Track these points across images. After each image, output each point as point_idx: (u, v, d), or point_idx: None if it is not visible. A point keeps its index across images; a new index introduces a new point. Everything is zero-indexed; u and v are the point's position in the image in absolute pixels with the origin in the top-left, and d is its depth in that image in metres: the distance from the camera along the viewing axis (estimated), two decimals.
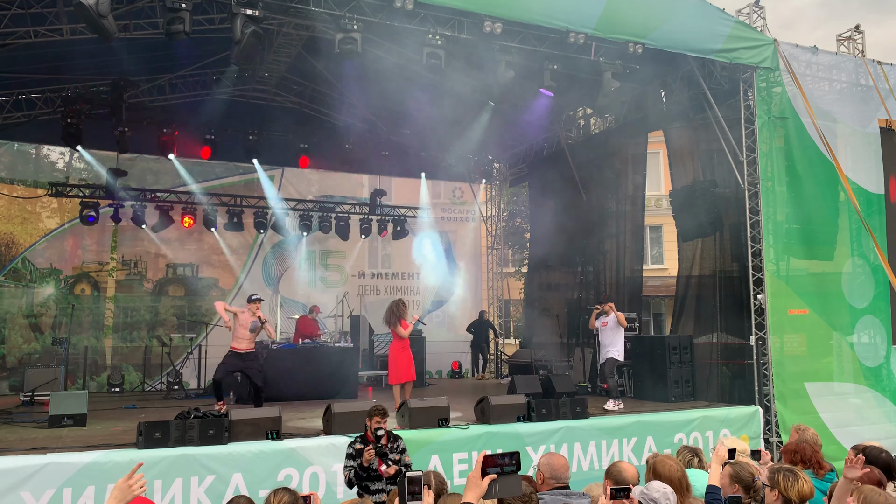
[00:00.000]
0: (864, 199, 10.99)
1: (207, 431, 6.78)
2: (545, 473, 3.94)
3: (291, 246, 16.61)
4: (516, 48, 9.23)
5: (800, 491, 3.81)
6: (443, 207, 18.33)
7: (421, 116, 13.57)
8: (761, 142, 10.41)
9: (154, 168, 15.26)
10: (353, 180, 17.22)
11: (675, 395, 10.61)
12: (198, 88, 13.78)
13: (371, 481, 5.73)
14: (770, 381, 9.95)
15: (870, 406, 10.62)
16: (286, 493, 3.83)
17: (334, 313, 15.56)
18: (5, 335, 13.98)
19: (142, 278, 15.35)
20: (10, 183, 14.41)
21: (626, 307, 13.12)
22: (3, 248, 14.24)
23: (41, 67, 11.69)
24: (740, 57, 10.12)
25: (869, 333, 11.04)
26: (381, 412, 5.87)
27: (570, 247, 14.44)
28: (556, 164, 14.99)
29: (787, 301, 10.31)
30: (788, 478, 3.84)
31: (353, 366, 12.40)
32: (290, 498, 3.79)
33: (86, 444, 6.90)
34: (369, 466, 5.68)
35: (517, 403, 8.51)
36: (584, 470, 8.22)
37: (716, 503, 3.94)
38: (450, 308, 18.02)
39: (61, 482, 6.07)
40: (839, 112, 11.10)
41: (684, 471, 4.01)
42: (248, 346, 9.39)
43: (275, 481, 6.78)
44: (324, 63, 12.67)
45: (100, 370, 14.50)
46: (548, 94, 10.13)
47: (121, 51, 10.87)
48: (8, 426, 8.61)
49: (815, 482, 4.40)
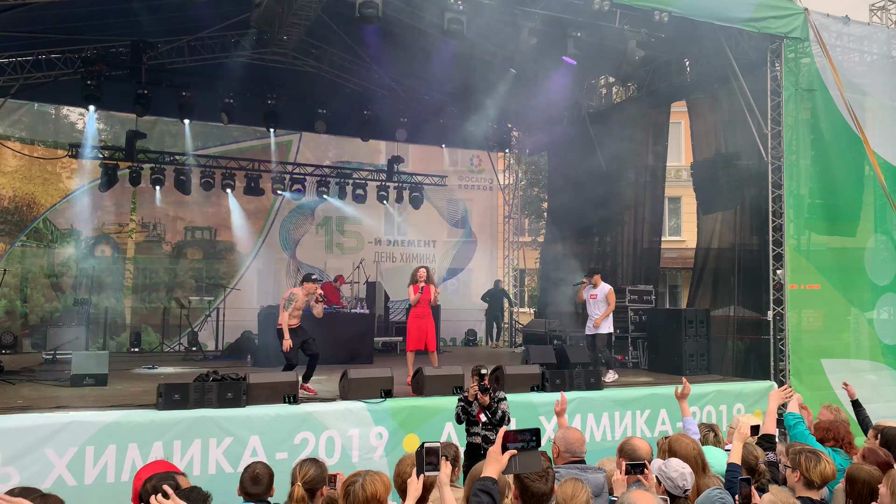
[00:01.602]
0: (890, 175, 10.77)
1: (226, 394, 6.88)
2: (561, 447, 3.96)
3: (309, 211, 16.65)
4: (539, 14, 9.05)
5: (822, 472, 3.80)
6: (460, 175, 18.24)
7: (440, 83, 13.42)
8: (787, 114, 10.20)
9: (173, 131, 15.27)
10: (371, 146, 17.14)
11: (689, 368, 10.60)
12: (217, 51, 13.68)
13: (470, 425, 6.39)
14: (786, 357, 9.91)
15: (886, 383, 10.55)
16: (312, 466, 3.74)
17: (350, 279, 15.64)
18: (28, 294, 14.20)
19: (160, 240, 15.49)
20: (30, 143, 14.50)
21: (642, 279, 13.10)
22: (25, 208, 14.40)
23: (61, 28, 11.65)
24: (769, 27, 9.87)
25: (889, 310, 10.93)
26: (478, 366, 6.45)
27: (587, 217, 14.34)
28: (575, 133, 14.81)
29: (807, 276, 10.20)
30: (811, 459, 3.83)
31: (369, 332, 12.51)
32: (315, 471, 3.72)
33: (107, 403, 7.04)
34: (471, 408, 6.34)
35: (531, 373, 8.55)
36: (597, 440, 8.28)
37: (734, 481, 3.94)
38: (465, 276, 18.06)
39: (84, 440, 6.20)
40: (869, 85, 10.83)
41: (701, 449, 4.01)
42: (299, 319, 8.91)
43: (291, 444, 6.90)
44: (343, 27, 12.53)
45: (119, 330, 14.73)
46: (570, 63, 9.95)
47: (141, 12, 10.82)
48: (31, 384, 8.79)
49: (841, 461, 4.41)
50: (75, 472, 6.14)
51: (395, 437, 7.35)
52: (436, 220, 17.82)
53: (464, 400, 6.45)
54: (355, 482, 3.27)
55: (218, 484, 6.16)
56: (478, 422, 6.38)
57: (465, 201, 18.29)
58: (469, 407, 6.40)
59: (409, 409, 7.56)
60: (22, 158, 14.33)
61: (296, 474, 3.70)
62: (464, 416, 6.43)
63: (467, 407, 6.40)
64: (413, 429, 7.45)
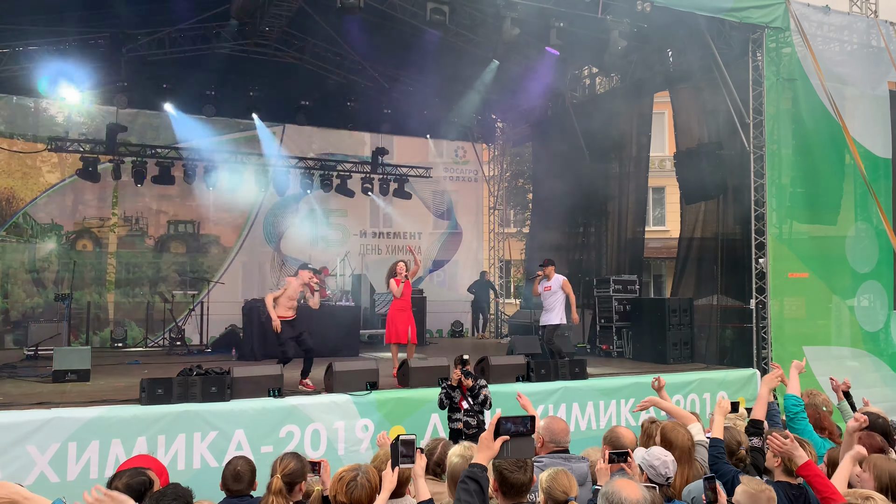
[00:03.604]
0: (870, 163, 10.87)
1: (210, 388, 6.86)
2: (545, 437, 3.97)
3: (293, 204, 16.55)
4: (522, 4, 9.03)
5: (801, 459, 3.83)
6: (445, 167, 18.20)
7: (424, 74, 13.38)
8: (769, 104, 10.26)
9: (154, 123, 15.10)
10: (355, 138, 17.05)
11: (673, 356, 10.69)
12: (198, 43, 13.53)
13: (452, 412, 6.64)
14: (769, 345, 10.00)
15: (867, 370, 10.70)
16: (292, 460, 3.74)
17: (336, 272, 15.59)
18: (8, 290, 14.03)
19: (143, 234, 15.34)
20: (9, 137, 14.28)
21: (627, 269, 13.16)
22: (4, 203, 14.20)
23: (39, 20, 11.48)
24: (750, 16, 9.92)
25: (869, 298, 11.06)
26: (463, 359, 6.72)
27: (572, 208, 14.39)
28: (559, 124, 14.82)
29: (789, 264, 10.30)
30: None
31: (355, 325, 12.48)
32: (296, 465, 3.70)
33: (90, 399, 6.98)
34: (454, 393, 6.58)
35: (516, 364, 8.59)
36: (582, 430, 8.33)
37: (719, 456, 3.97)
38: (451, 268, 18.05)
39: (66, 436, 6.16)
40: (849, 74, 10.92)
41: (694, 440, 4.05)
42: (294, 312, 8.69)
43: (277, 437, 6.88)
44: (326, 18, 12.44)
45: (102, 325, 14.59)
46: (553, 53, 9.95)
47: (119, 4, 10.68)
48: (12, 380, 8.70)
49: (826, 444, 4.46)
50: (58, 469, 6.09)
51: (380, 428, 7.33)
52: (421, 211, 17.78)
53: (447, 386, 6.64)
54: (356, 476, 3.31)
55: (203, 478, 6.17)
56: (459, 408, 6.59)
57: (451, 193, 18.26)
58: (452, 392, 6.59)
59: (394, 400, 7.57)
60: (1, 153, 14.13)
61: (276, 467, 3.69)
62: (447, 401, 6.61)
63: (451, 392, 6.60)
64: (399, 420, 7.47)
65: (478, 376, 6.85)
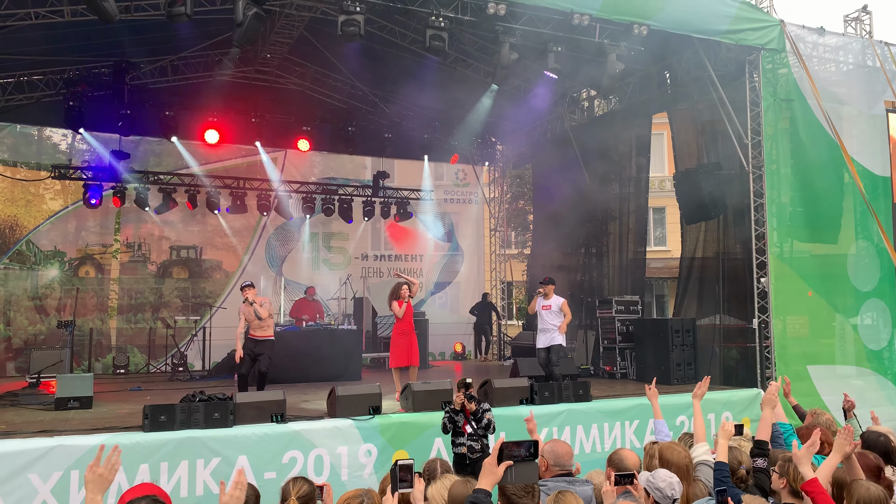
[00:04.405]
0: (869, 182, 10.93)
1: (213, 414, 6.83)
2: (549, 460, 3.96)
3: (294, 228, 16.62)
4: (520, 30, 9.14)
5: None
6: (446, 189, 18.29)
7: (424, 98, 13.50)
8: (766, 124, 10.34)
9: (157, 150, 15.22)
10: (356, 162, 17.17)
11: (677, 377, 10.65)
12: (200, 70, 13.70)
13: (456, 436, 6.53)
14: (772, 364, 9.97)
15: (872, 388, 10.64)
16: (305, 484, 3.76)
17: (337, 295, 15.60)
18: (10, 317, 14.04)
19: (145, 260, 15.38)
20: (13, 165, 14.40)
21: (629, 289, 13.16)
22: (7, 231, 14.27)
23: (43, 49, 11.61)
24: (746, 38, 10.02)
25: (872, 316, 11.04)
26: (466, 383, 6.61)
27: (573, 229, 14.42)
28: (559, 145, 14.91)
29: (791, 283, 10.30)
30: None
31: (357, 348, 12.47)
32: (308, 488, 3.73)
33: (92, 426, 6.96)
34: (458, 418, 6.49)
35: (520, 386, 8.55)
36: (587, 452, 8.27)
37: (724, 480, 3.94)
38: (453, 290, 18.06)
39: (69, 464, 6.12)
40: (845, 94, 11.01)
41: (692, 458, 4.03)
42: (263, 333, 9.27)
43: (280, 464, 6.85)
44: (326, 44, 12.60)
45: (105, 352, 14.59)
46: (552, 77, 10.04)
47: (122, 32, 10.82)
48: (15, 408, 8.67)
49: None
50: (60, 498, 6.05)
51: (384, 453, 7.32)
52: (422, 234, 17.83)
53: (451, 410, 6.57)
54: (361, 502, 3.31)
55: None
56: (463, 433, 6.52)
57: (451, 215, 18.34)
58: (455, 417, 6.53)
59: (398, 425, 7.53)
60: (4, 181, 14.23)
61: (289, 490, 3.68)
62: (450, 425, 6.55)
63: (454, 416, 6.53)
64: (402, 445, 7.42)
65: (481, 400, 6.82)
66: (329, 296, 15.85)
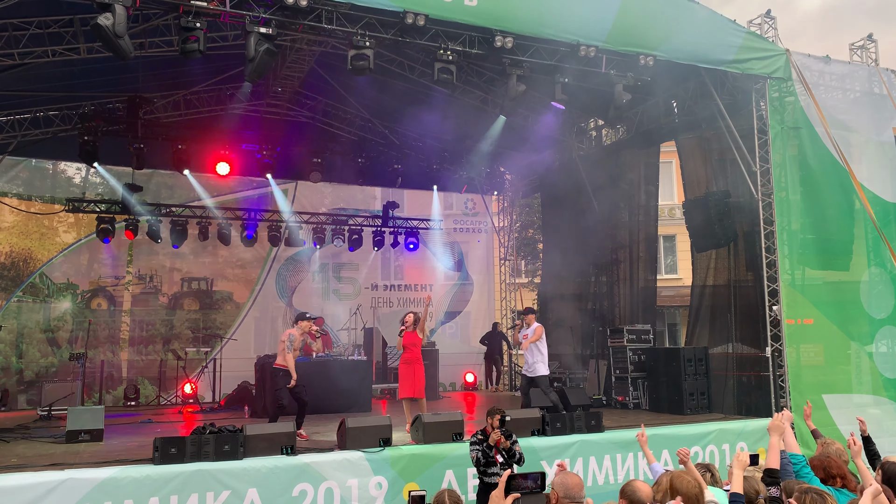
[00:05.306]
0: (879, 208, 10.89)
1: (223, 447, 6.82)
2: (559, 493, 3.91)
3: (305, 259, 16.69)
4: (527, 62, 9.25)
5: None
6: (455, 219, 18.35)
7: (433, 130, 13.63)
8: (774, 152, 10.36)
9: (169, 183, 15.40)
10: (366, 193, 17.28)
11: (690, 407, 10.54)
12: (212, 104, 13.92)
13: (488, 466, 6.54)
14: (787, 393, 9.85)
15: (890, 417, 10.47)
16: None
17: (347, 326, 15.58)
18: (23, 349, 14.12)
19: (157, 292, 15.47)
20: (27, 199, 14.59)
21: (640, 318, 13.09)
22: (21, 264, 14.40)
23: (58, 85, 11.86)
24: (752, 68, 10.10)
25: (888, 343, 10.90)
26: (500, 410, 6.72)
27: (582, 257, 14.40)
28: (567, 175, 14.97)
29: (803, 311, 10.21)
30: (816, 500, 3.79)
31: (367, 379, 12.41)
32: None
33: (103, 459, 6.95)
34: (490, 451, 6.50)
35: (531, 417, 8.48)
36: (600, 484, 8.17)
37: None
38: (463, 319, 18.01)
39: (79, 498, 6.12)
40: (853, 121, 11.03)
41: (703, 487, 3.98)
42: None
43: (290, 496, 6.80)
44: (336, 78, 12.78)
45: (116, 384, 14.60)
46: (559, 107, 10.13)
47: (136, 68, 11.02)
48: (26, 441, 8.69)
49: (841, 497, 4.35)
50: None
51: (394, 486, 7.26)
52: (432, 264, 17.85)
53: (479, 443, 6.61)
54: None
55: None
56: (496, 462, 6.55)
57: (461, 244, 18.37)
58: (488, 450, 6.56)
59: (408, 457, 7.48)
60: (19, 214, 14.41)
61: None
62: (483, 458, 6.57)
63: (487, 451, 6.56)
64: (413, 477, 7.36)
65: (511, 432, 6.85)
66: (339, 326, 15.85)
